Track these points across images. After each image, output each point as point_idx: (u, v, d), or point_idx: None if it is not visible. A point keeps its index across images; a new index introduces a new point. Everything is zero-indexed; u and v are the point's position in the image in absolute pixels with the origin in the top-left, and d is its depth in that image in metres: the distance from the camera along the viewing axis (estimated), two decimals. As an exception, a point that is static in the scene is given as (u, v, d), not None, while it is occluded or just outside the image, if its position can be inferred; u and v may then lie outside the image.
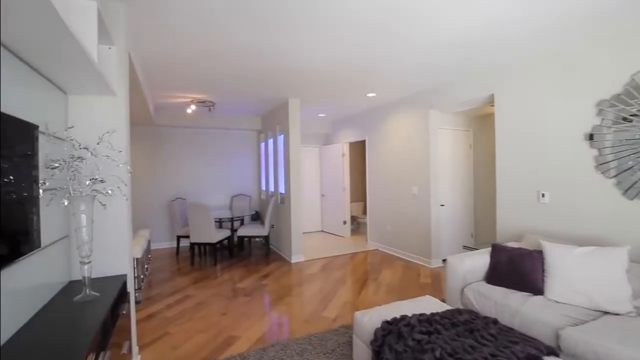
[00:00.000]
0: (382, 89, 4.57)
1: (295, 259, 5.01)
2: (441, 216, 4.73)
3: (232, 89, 4.50)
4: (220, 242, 5.07)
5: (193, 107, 4.99)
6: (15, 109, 1.38)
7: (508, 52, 3.18)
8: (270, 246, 6.03)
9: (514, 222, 3.41)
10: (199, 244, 4.91)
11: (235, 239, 5.48)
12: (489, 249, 2.83)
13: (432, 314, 2.01)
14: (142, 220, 5.99)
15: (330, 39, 2.87)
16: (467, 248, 4.80)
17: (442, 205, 4.75)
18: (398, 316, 2.00)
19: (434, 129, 4.63)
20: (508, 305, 2.31)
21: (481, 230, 5.22)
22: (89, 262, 1.79)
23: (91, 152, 1.83)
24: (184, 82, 4.13)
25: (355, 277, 4.23)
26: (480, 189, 5.24)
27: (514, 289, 2.46)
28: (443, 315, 2.01)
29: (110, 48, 2.17)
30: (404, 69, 3.68)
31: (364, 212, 7.67)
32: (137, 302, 3.50)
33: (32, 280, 1.49)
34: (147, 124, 5.95)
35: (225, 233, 5.17)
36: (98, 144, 1.91)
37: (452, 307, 2.23)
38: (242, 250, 5.78)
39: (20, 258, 1.35)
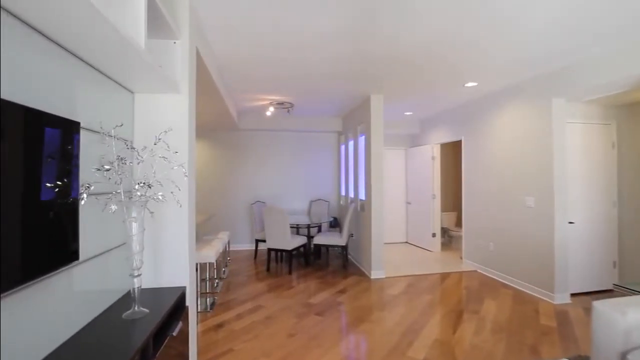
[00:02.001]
0: (486, 75, 3.72)
1: (375, 274, 4.46)
2: (570, 237, 3.60)
3: (310, 88, 4.23)
4: (297, 248, 4.84)
5: (272, 109, 4.91)
6: (54, 105, 1.23)
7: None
8: (349, 256, 5.60)
9: None
10: (275, 250, 4.76)
11: (312, 246, 5.20)
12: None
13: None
14: (225, 222, 6.21)
15: (421, 15, 2.30)
16: (621, 288, 3.28)
17: (570, 223, 3.62)
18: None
19: (560, 124, 3.57)
20: None
21: (630, 258, 3.85)
22: (139, 274, 1.60)
23: (138, 153, 1.65)
24: (261, 82, 4.01)
25: (448, 305, 3.47)
26: (629, 201, 3.88)
27: None
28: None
29: (175, 43, 2.02)
30: (519, 42, 2.84)
31: (458, 224, 6.64)
32: (211, 306, 3.44)
33: (71, 295, 1.33)
34: (232, 129, 6.16)
35: (302, 240, 4.93)
36: (155, 144, 1.73)
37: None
38: (318, 259, 5.48)
39: (52, 273, 1.18)
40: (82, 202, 1.34)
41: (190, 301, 2.09)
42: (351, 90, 4.34)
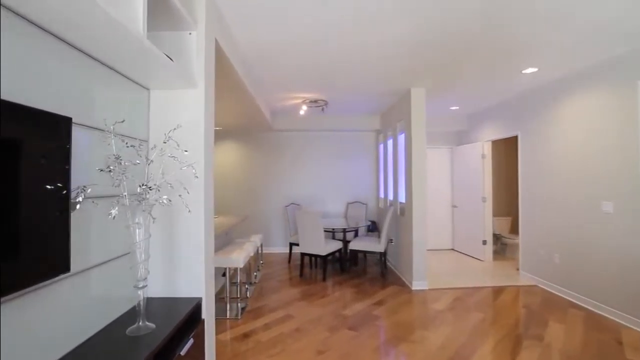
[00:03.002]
0: (551, 58, 3.17)
1: (417, 285, 4.05)
2: (662, 251, 2.93)
3: (345, 82, 3.96)
4: (332, 253, 4.58)
5: (304, 107, 4.71)
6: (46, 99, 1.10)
7: None
8: (388, 263, 5.22)
9: None
10: (309, 255, 4.54)
11: (348, 252, 4.90)
12: None
13: None
14: (259, 225, 6.14)
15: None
16: None
17: (664, 233, 2.94)
18: None
19: (648, 112, 2.92)
20: None
21: None
22: (144, 285, 1.45)
23: (147, 153, 1.50)
24: (292, 77, 3.81)
25: (504, 327, 2.99)
26: None
27: None
28: None
29: (190, 34, 1.87)
30: (597, 9, 2.33)
31: (513, 230, 5.94)
32: (240, 313, 3.30)
33: (64, 310, 1.19)
34: (266, 130, 6.08)
35: (337, 245, 4.66)
36: (165, 142, 1.58)
37: None
38: (355, 265, 5.16)
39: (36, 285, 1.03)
40: (78, 207, 1.21)
41: (208, 313, 1.92)
42: (390, 83, 3.99)
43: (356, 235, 5.37)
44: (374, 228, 5.87)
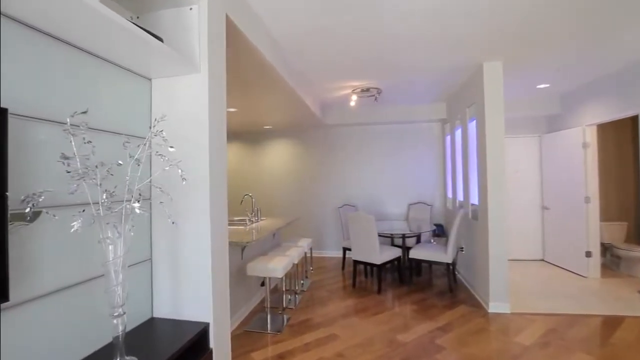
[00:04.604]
0: (701, -3, 2.18)
1: (495, 306, 3.28)
2: None
3: (401, 64, 3.38)
4: (390, 262, 4.03)
5: (355, 97, 4.21)
6: None
7: None
8: (457, 275, 4.44)
9: None
10: (362, 263, 4.06)
11: (407, 260, 4.27)
12: None
13: None
14: (311, 227, 5.83)
15: None
16: None
17: None
18: None
19: None
20: None
21: None
22: (122, 313, 1.17)
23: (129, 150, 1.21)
24: (335, 59, 3.37)
25: (627, 380, 2.13)
26: None
27: None
28: None
29: (190, 9, 1.57)
30: None
31: (630, 239, 4.62)
32: (284, 324, 2.99)
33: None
34: (316, 126, 5.73)
35: (394, 253, 4.08)
36: (155, 135, 1.29)
37: None
38: (418, 275, 4.50)
39: None
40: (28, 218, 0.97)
41: (218, 342, 1.61)
42: (455, 59, 3.28)
43: (418, 241, 4.70)
44: (441, 232, 5.10)
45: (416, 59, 3.24)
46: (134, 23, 1.19)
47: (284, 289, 3.55)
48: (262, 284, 3.43)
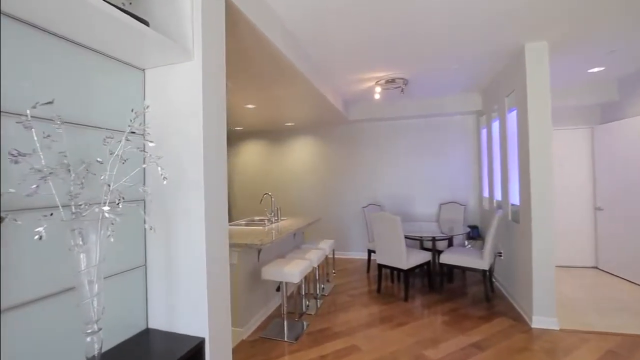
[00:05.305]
0: None
1: (539, 321, 2.88)
2: None
3: (429, 50, 3.07)
4: (419, 266, 3.72)
5: (378, 89, 3.92)
6: None
7: None
8: (495, 282, 4.03)
9: None
10: (387, 267, 3.78)
11: (437, 265, 3.93)
12: None
13: None
14: (335, 227, 5.61)
15: None
16: None
17: None
18: None
19: None
20: None
21: None
22: (98, 330, 1.03)
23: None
24: (355, 49, 3.12)
25: None
26: None
27: None
28: None
29: (181, -12, 1.41)
30: None
31: None
32: (302, 331, 2.81)
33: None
34: (341, 123, 5.50)
35: (423, 257, 3.76)
36: (132, 130, 1.13)
37: None
38: (449, 282, 4.14)
39: None
40: None
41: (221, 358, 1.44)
42: (491, 40, 2.92)
43: (450, 244, 4.33)
44: (475, 235, 4.68)
45: (448, 42, 2.90)
46: (114, 5, 1.04)
47: (303, 293, 3.38)
48: (278, 289, 3.26)
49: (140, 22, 1.20)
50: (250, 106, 4.14)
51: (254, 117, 4.92)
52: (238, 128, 5.71)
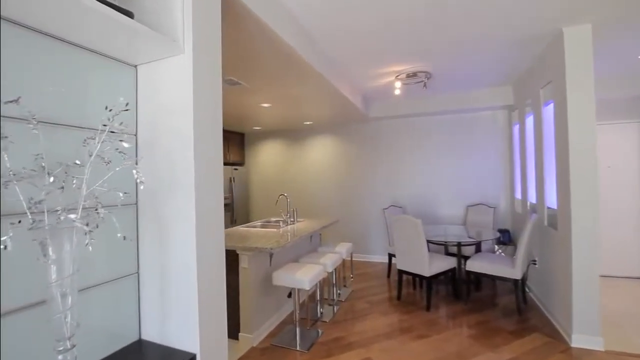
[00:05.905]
0: None
1: (580, 340, 2.56)
2: None
3: (455, 38, 2.82)
4: (444, 273, 3.47)
5: (398, 84, 3.69)
6: None
7: None
8: (529, 293, 3.69)
9: None
10: (408, 273, 3.55)
11: (463, 272, 3.65)
12: None
13: None
14: (354, 228, 5.42)
15: None
16: None
17: None
18: None
19: None
20: None
21: None
22: (71, 347, 0.95)
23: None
24: (371, 40, 2.93)
25: None
26: None
27: None
28: None
29: (171, -24, 1.31)
30: None
31: None
32: (315, 339, 2.67)
33: None
34: (361, 121, 5.30)
35: (447, 263, 3.50)
36: (110, 131, 1.04)
37: None
38: (477, 291, 3.84)
39: None
40: None
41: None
42: (524, 25, 2.63)
43: (478, 249, 4.01)
44: (506, 240, 4.33)
45: (476, 27, 2.64)
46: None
47: (317, 299, 3.24)
48: (289, 295, 3.14)
49: (123, 13, 1.10)
50: (265, 105, 4.05)
51: (271, 117, 4.83)
52: (257, 128, 5.66)
